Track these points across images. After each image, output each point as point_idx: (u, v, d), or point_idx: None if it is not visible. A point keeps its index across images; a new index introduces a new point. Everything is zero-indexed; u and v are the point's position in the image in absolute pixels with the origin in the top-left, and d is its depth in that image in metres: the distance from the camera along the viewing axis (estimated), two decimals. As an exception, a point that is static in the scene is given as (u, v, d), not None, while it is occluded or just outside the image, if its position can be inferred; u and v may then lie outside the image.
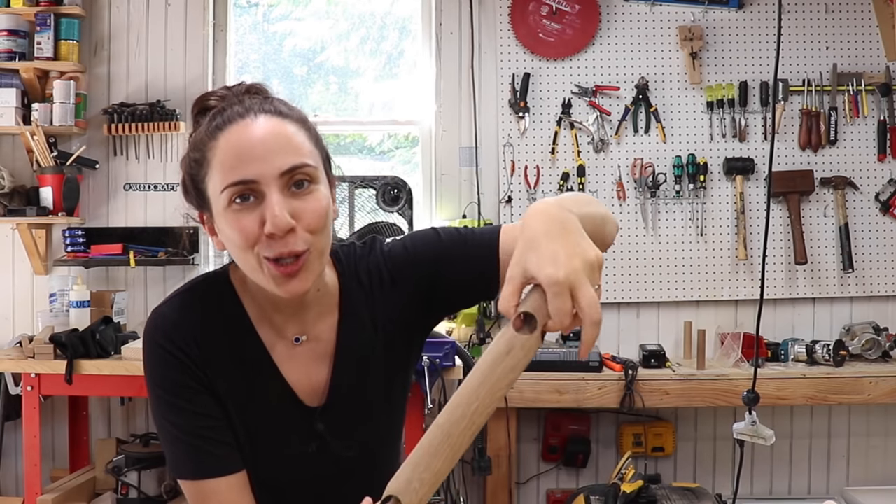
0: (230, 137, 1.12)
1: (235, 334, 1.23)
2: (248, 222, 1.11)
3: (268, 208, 1.09)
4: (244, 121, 1.13)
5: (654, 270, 3.57)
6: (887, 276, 3.57)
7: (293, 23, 3.89)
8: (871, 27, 3.57)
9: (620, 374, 3.16)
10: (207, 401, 1.21)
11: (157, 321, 1.23)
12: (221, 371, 1.22)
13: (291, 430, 1.25)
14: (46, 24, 3.39)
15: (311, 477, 1.28)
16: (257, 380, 1.24)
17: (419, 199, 3.61)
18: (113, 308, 3.40)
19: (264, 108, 1.15)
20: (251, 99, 1.18)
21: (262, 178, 1.10)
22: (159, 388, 1.21)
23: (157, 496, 3.18)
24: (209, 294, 1.25)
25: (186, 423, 1.19)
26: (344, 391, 1.26)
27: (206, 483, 1.18)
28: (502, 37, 3.57)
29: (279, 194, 1.10)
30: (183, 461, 1.20)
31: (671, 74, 3.57)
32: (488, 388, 0.91)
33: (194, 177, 1.17)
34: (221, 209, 1.13)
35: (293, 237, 1.11)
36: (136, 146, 3.59)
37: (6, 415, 3.35)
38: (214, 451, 1.19)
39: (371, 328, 1.28)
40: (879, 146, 3.56)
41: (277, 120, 1.14)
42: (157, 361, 1.21)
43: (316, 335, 1.26)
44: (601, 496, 2.93)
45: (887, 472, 3.56)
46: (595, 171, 3.56)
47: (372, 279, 1.29)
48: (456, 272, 1.26)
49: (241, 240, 1.11)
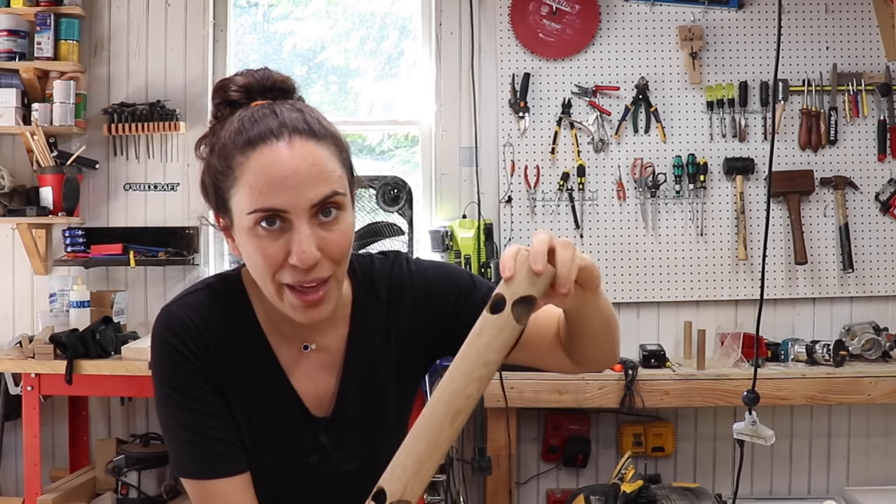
0: (262, 160, 1.08)
1: (245, 337, 1.23)
2: (273, 250, 1.09)
3: (295, 242, 1.08)
4: (278, 144, 1.08)
5: (654, 270, 3.57)
6: (887, 276, 3.57)
7: (293, 23, 3.89)
8: (871, 27, 3.57)
9: (620, 374, 3.16)
10: (215, 400, 1.20)
11: (167, 318, 1.21)
12: (229, 373, 1.21)
13: (294, 438, 1.25)
14: (46, 24, 3.39)
15: (311, 488, 1.27)
16: (264, 384, 1.23)
17: (419, 198, 3.61)
18: (113, 308, 3.40)
19: (298, 127, 1.10)
20: (283, 109, 1.12)
21: (292, 209, 1.07)
22: (166, 386, 1.19)
23: (157, 496, 3.18)
24: (220, 295, 1.24)
25: (193, 422, 1.18)
26: (350, 404, 1.25)
27: (211, 483, 1.17)
28: (502, 37, 3.57)
29: (307, 226, 1.08)
30: (188, 460, 1.19)
31: (671, 74, 3.57)
32: (462, 370, 0.94)
33: (218, 185, 1.14)
34: (245, 228, 1.10)
35: (317, 267, 1.10)
36: (136, 146, 3.59)
37: (6, 415, 3.35)
38: (220, 451, 1.19)
39: (382, 342, 1.27)
40: (879, 146, 3.56)
41: (311, 144, 1.10)
42: (164, 359, 1.20)
43: (325, 345, 1.26)
44: (601, 496, 2.93)
45: (887, 472, 3.56)
46: (595, 171, 3.56)
47: (392, 294, 1.28)
48: (463, 314, 1.25)
49: (265, 266, 1.10)
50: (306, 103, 1.19)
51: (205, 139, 1.20)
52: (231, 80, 1.18)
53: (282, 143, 1.08)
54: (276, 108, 1.12)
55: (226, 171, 1.11)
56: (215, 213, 1.19)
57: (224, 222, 1.17)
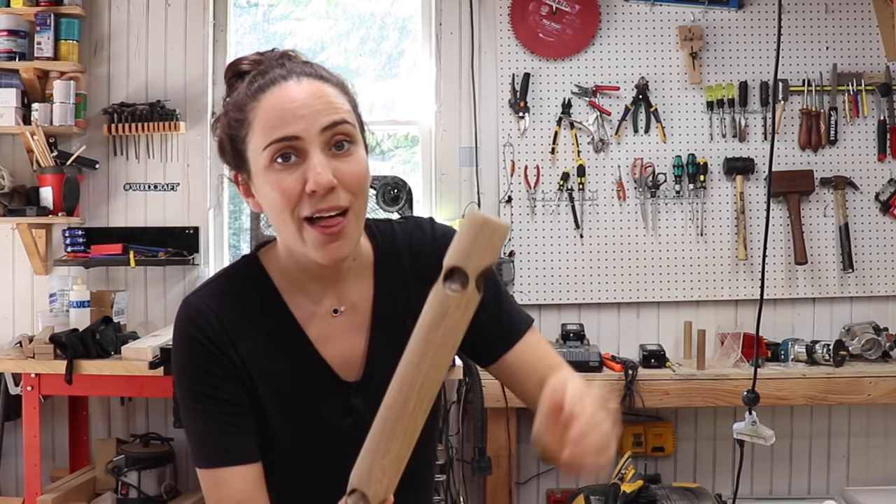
0: (272, 98, 1.13)
1: (267, 314, 1.24)
2: (290, 182, 1.12)
3: (310, 167, 1.11)
4: (286, 83, 1.14)
5: (654, 270, 3.57)
6: (887, 276, 3.57)
7: (293, 23, 3.89)
8: (871, 27, 3.57)
9: (620, 374, 3.16)
10: (233, 388, 1.21)
11: (186, 310, 1.23)
12: (254, 353, 1.22)
13: (327, 405, 1.26)
14: (46, 24, 3.39)
15: (349, 452, 1.28)
16: (291, 357, 1.24)
17: (419, 198, 3.61)
18: (113, 308, 3.40)
19: (305, 70, 1.17)
20: (291, 62, 1.19)
21: (304, 135, 1.11)
22: (185, 377, 1.21)
23: (157, 496, 3.19)
24: (238, 278, 1.26)
25: (211, 409, 1.20)
26: (380, 364, 1.26)
27: (222, 471, 1.18)
28: (502, 37, 3.57)
29: (321, 153, 1.12)
30: (204, 448, 1.20)
31: (671, 74, 3.57)
32: (430, 360, 0.88)
33: (233, 137, 1.18)
34: (262, 168, 1.14)
35: (334, 195, 1.12)
36: (136, 146, 3.59)
37: (6, 415, 3.35)
38: (235, 439, 1.20)
39: (406, 302, 1.28)
40: (879, 146, 3.56)
41: (319, 83, 1.16)
42: (184, 350, 1.22)
43: (352, 303, 1.27)
44: (601, 496, 2.93)
45: (887, 472, 3.56)
46: (595, 171, 3.56)
47: (413, 263, 1.29)
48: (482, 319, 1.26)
49: (283, 200, 1.12)
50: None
51: (219, 115, 1.24)
52: (242, 58, 1.24)
53: (291, 81, 1.15)
54: (283, 62, 1.19)
55: (240, 120, 1.16)
56: (234, 173, 1.22)
57: (242, 178, 1.21)
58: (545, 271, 3.55)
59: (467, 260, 0.86)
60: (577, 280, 3.56)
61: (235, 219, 3.76)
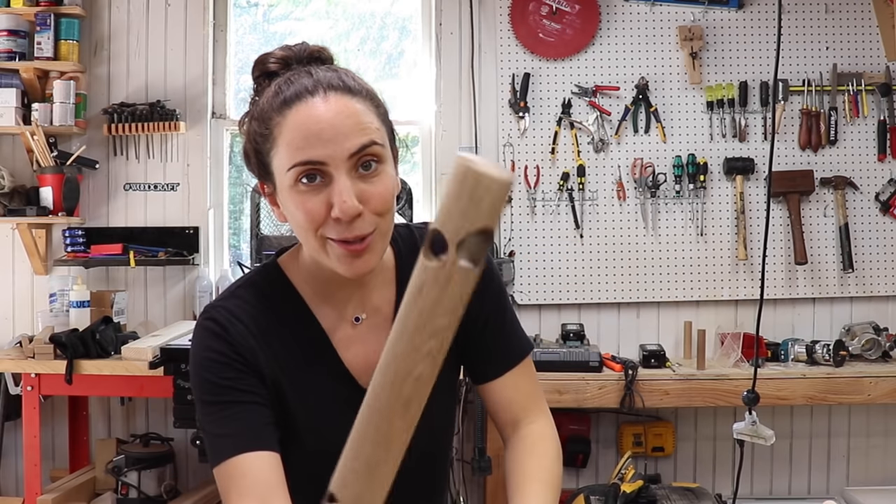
0: (298, 116, 1.10)
1: (292, 320, 1.23)
2: (314, 205, 1.10)
3: (335, 194, 1.08)
4: (313, 99, 1.10)
5: (654, 270, 3.57)
6: (887, 276, 3.57)
7: (293, 23, 3.89)
8: (871, 27, 3.57)
9: (620, 374, 3.16)
10: (253, 381, 1.18)
11: (210, 312, 1.21)
12: (276, 358, 1.21)
13: (347, 411, 1.24)
14: (46, 24, 3.39)
15: None
16: (318, 365, 1.24)
17: (419, 198, 3.61)
18: (113, 308, 3.40)
19: (333, 83, 1.12)
20: (318, 70, 1.15)
21: (330, 161, 1.09)
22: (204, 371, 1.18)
23: (156, 496, 3.19)
24: (262, 286, 1.25)
25: (229, 398, 1.16)
26: None
27: (244, 458, 1.13)
28: (502, 37, 3.57)
29: (347, 178, 1.09)
30: (224, 439, 1.15)
31: (671, 74, 3.57)
32: (405, 346, 0.70)
33: (259, 150, 1.16)
34: (287, 187, 1.12)
35: (360, 221, 1.10)
36: (136, 146, 3.59)
37: (6, 415, 3.35)
38: (258, 428, 1.16)
39: None
40: (879, 146, 3.56)
41: (346, 98, 1.12)
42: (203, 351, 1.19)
43: (375, 308, 1.27)
44: (601, 496, 2.93)
45: (887, 472, 3.56)
46: (595, 171, 3.56)
47: None
48: (485, 333, 1.30)
49: (307, 222, 1.11)
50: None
51: (247, 115, 1.21)
52: (270, 54, 1.20)
53: (317, 98, 1.10)
54: (311, 70, 1.15)
55: (265, 134, 1.13)
56: (260, 182, 1.21)
57: (268, 188, 1.19)
58: (545, 271, 3.55)
59: (447, 220, 0.63)
60: (577, 280, 3.56)
61: (235, 219, 3.76)
